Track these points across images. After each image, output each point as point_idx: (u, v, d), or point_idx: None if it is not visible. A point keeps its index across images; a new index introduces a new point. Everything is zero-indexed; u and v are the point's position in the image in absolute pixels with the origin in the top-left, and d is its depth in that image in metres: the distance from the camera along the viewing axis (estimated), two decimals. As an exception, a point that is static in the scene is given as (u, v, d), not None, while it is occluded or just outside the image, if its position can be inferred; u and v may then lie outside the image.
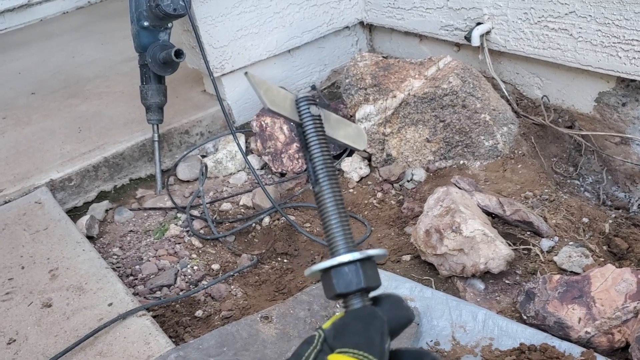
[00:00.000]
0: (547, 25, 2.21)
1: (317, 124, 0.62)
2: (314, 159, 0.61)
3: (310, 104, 0.62)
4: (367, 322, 0.50)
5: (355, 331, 0.50)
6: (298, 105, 0.63)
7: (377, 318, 0.50)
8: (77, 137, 2.64)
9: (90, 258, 1.96)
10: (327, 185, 0.59)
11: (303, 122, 0.62)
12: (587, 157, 2.21)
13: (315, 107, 0.62)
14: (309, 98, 0.63)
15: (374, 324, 0.50)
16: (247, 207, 2.33)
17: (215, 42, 2.55)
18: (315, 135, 0.61)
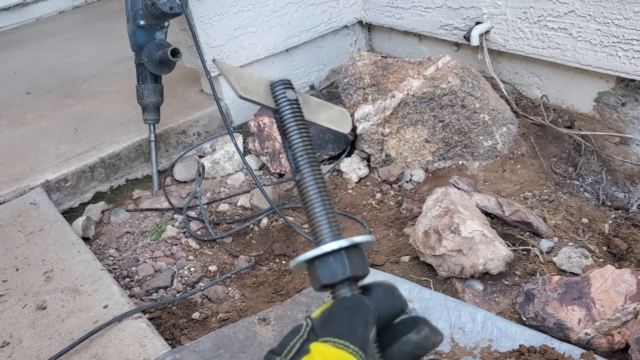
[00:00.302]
0: (546, 25, 2.19)
1: (294, 108, 0.59)
2: (293, 145, 0.58)
3: (286, 88, 0.59)
4: (352, 311, 0.50)
5: (339, 321, 0.50)
6: (273, 89, 0.59)
7: (363, 307, 0.50)
8: (73, 138, 2.62)
9: (85, 260, 1.94)
10: (308, 172, 0.57)
11: (279, 107, 0.59)
12: (587, 158, 2.20)
13: (291, 91, 0.59)
14: (284, 82, 0.60)
15: (358, 313, 0.49)
16: (244, 208, 2.31)
17: (212, 41, 2.53)
18: (294, 120, 0.58)
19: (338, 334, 0.48)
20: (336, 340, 0.48)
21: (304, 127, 0.58)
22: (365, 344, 0.48)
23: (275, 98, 0.59)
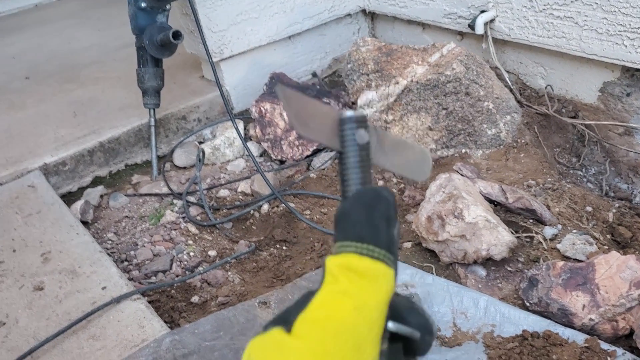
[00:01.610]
0: (552, 13, 2.17)
1: (362, 154, 0.49)
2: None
3: (358, 128, 0.49)
4: (370, 206, 0.43)
5: (358, 221, 0.43)
6: (341, 127, 0.50)
7: (382, 200, 0.44)
8: (72, 122, 2.59)
9: (84, 242, 1.92)
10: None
11: (345, 151, 0.50)
12: (590, 148, 2.18)
13: (363, 132, 0.49)
14: (357, 119, 0.49)
15: (378, 208, 0.43)
16: (245, 194, 2.29)
17: (214, 26, 2.50)
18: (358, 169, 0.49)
19: (359, 237, 0.42)
20: (358, 245, 0.42)
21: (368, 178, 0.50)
22: (391, 243, 0.42)
23: (342, 139, 0.50)
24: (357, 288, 0.39)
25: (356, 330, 0.38)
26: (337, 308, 0.38)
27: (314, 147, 2.38)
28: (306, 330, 0.38)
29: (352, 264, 0.40)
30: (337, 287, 0.39)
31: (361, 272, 0.40)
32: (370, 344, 0.38)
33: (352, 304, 0.38)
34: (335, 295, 0.39)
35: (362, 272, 0.40)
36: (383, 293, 0.40)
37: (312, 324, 0.39)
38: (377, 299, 0.39)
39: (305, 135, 0.50)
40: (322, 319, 0.38)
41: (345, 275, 0.40)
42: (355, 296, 0.39)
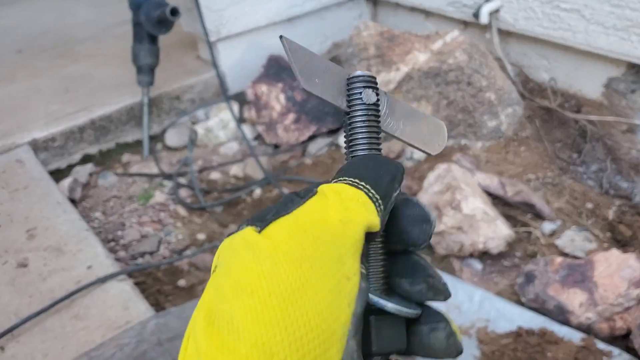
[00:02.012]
0: (558, 5, 2.13)
1: (370, 115, 0.45)
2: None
3: (366, 87, 0.45)
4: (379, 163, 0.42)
5: (363, 166, 0.41)
6: (348, 86, 0.46)
7: (393, 164, 0.42)
8: (64, 98, 2.53)
9: (70, 219, 1.87)
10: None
11: (350, 111, 0.46)
12: (592, 144, 2.14)
13: (371, 92, 0.45)
14: (365, 78, 0.45)
15: (386, 167, 0.41)
16: (237, 177, 2.24)
17: (212, 4, 2.44)
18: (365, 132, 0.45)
19: (359, 175, 0.40)
20: (356, 181, 0.39)
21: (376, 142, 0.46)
22: (388, 197, 0.39)
23: (349, 98, 0.46)
24: (344, 206, 0.37)
25: (340, 241, 0.36)
26: (323, 217, 0.36)
27: (310, 132, 2.33)
28: (285, 233, 0.35)
29: (344, 189, 0.38)
30: (325, 201, 0.37)
31: (351, 196, 0.38)
32: (351, 257, 0.36)
33: (339, 217, 0.36)
34: (322, 206, 0.37)
35: (352, 196, 0.38)
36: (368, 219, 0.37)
37: (292, 228, 0.36)
38: (362, 221, 0.37)
39: (310, 90, 0.45)
40: (304, 224, 0.36)
41: (335, 194, 0.38)
42: (342, 211, 0.37)
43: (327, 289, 0.33)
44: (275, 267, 0.33)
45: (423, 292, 0.42)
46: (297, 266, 0.34)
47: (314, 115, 2.34)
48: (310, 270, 0.34)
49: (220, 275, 0.35)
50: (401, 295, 0.43)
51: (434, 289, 0.41)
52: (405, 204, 0.42)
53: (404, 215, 0.42)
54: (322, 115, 2.35)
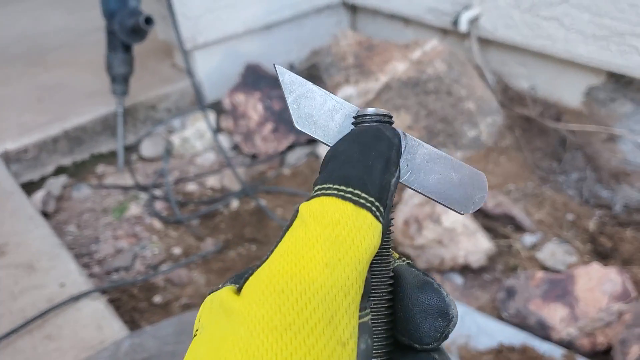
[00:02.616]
0: (538, 14, 2.11)
1: None
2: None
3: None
4: (367, 145, 0.34)
5: (347, 158, 0.33)
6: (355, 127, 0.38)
7: (383, 139, 0.34)
8: (37, 107, 2.47)
9: (43, 235, 1.82)
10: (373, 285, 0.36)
11: None
12: (572, 153, 2.13)
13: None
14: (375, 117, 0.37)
15: (376, 147, 0.33)
16: (214, 189, 2.20)
17: (188, 11, 2.39)
18: None
19: (345, 179, 0.32)
20: (342, 189, 0.31)
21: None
22: (384, 190, 0.32)
23: None
24: (331, 239, 0.30)
25: (328, 295, 0.28)
26: (303, 262, 0.29)
27: (288, 142, 2.29)
28: (259, 293, 0.29)
29: (328, 208, 0.31)
30: (305, 234, 0.30)
31: (338, 219, 0.30)
32: (345, 313, 0.29)
33: (324, 259, 0.29)
34: (302, 245, 0.30)
35: (339, 219, 0.30)
36: (364, 249, 0.30)
37: (266, 285, 0.29)
38: (356, 255, 0.30)
39: (305, 131, 0.39)
40: (281, 276, 0.29)
41: (317, 221, 0.30)
42: (328, 249, 0.29)
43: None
44: (252, 338, 0.28)
45: None
46: (278, 337, 0.28)
47: (293, 125, 2.31)
48: (294, 341, 0.28)
49: (198, 344, 0.30)
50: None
51: None
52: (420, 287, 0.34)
53: (416, 301, 0.34)
54: (300, 124, 2.31)
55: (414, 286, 0.34)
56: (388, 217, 0.33)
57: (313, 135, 0.39)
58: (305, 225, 0.30)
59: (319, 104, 0.39)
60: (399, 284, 0.35)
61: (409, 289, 0.34)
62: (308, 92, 0.39)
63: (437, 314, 0.34)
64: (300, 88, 0.39)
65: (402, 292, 0.35)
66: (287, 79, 0.39)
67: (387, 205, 0.32)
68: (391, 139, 0.35)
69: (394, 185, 0.34)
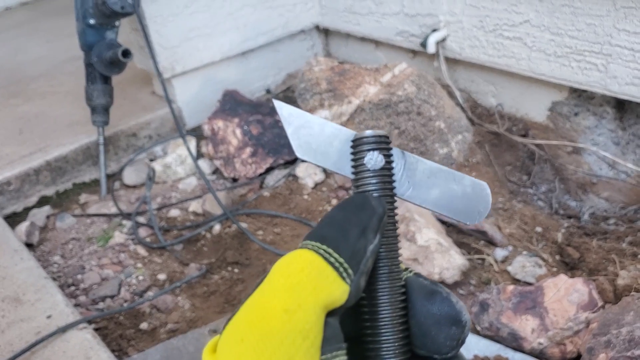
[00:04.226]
0: (502, 34, 2.21)
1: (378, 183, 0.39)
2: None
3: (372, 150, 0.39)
4: (350, 211, 0.36)
5: (330, 222, 0.35)
6: (352, 150, 0.40)
7: (367, 208, 0.36)
8: (18, 139, 2.51)
9: (28, 267, 1.85)
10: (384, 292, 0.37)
11: (355, 179, 0.40)
12: (540, 166, 2.22)
13: (377, 154, 0.39)
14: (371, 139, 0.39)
15: (358, 215, 0.35)
16: (196, 214, 2.25)
17: (165, 42, 2.46)
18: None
19: (321, 238, 0.34)
20: (317, 245, 0.33)
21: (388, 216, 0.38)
22: (357, 255, 0.33)
23: (354, 164, 0.40)
24: (292, 286, 0.31)
25: (285, 340, 0.29)
26: (264, 311, 0.30)
27: (267, 164, 2.35)
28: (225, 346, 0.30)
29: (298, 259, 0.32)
30: (269, 285, 0.32)
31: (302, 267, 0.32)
32: (304, 356, 0.30)
33: (282, 306, 0.30)
34: (265, 295, 0.31)
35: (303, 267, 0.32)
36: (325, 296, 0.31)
37: (230, 335, 0.31)
38: (316, 300, 0.31)
39: (307, 159, 0.41)
40: (243, 327, 0.30)
41: (281, 272, 0.32)
42: (288, 296, 0.31)
43: None
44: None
45: None
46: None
47: (271, 148, 2.37)
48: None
49: None
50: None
51: None
52: (429, 297, 0.36)
53: (427, 313, 0.35)
54: (278, 147, 2.38)
55: (423, 298, 0.35)
56: (359, 280, 0.33)
57: (315, 162, 0.41)
58: (270, 277, 0.32)
59: (317, 132, 0.41)
60: (409, 297, 0.36)
61: (418, 301, 0.36)
62: (306, 123, 0.41)
63: (451, 323, 0.35)
64: (298, 119, 0.41)
65: (413, 305, 0.36)
66: (285, 112, 0.41)
67: (358, 269, 0.33)
68: (375, 208, 0.36)
69: (371, 252, 0.34)
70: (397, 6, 2.53)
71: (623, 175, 2.10)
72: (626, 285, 1.59)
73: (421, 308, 0.35)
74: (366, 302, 0.37)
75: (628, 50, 1.90)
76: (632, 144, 2.10)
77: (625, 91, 1.95)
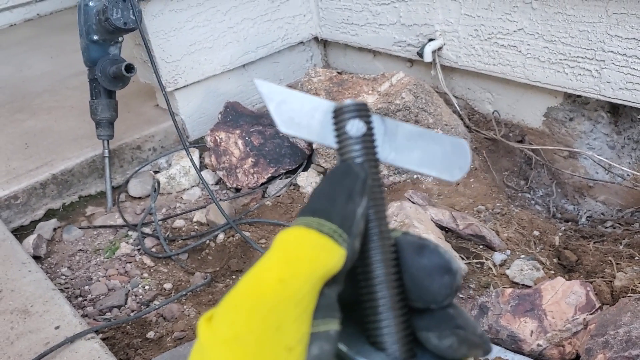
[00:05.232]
0: (496, 42, 2.25)
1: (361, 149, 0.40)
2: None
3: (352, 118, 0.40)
4: (335, 181, 0.37)
5: (319, 195, 0.36)
6: (334, 120, 0.41)
7: (350, 174, 0.37)
8: (24, 154, 2.55)
9: (36, 279, 1.89)
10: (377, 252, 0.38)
11: (339, 147, 0.40)
12: (538, 171, 2.25)
13: (358, 122, 0.40)
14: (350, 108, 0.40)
15: (342, 182, 0.37)
16: (200, 223, 2.29)
17: (167, 56, 2.51)
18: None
19: (312, 211, 0.35)
20: (309, 219, 0.34)
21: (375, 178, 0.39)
22: (347, 219, 0.35)
23: (336, 133, 0.40)
24: (289, 259, 0.32)
25: (278, 307, 0.31)
26: (259, 281, 0.31)
27: (268, 174, 2.40)
28: (221, 315, 0.31)
29: (292, 236, 0.33)
30: (268, 259, 0.33)
31: (299, 243, 0.33)
32: (294, 322, 0.31)
33: (277, 276, 0.31)
34: (263, 268, 0.32)
35: (300, 243, 0.33)
36: (320, 266, 0.32)
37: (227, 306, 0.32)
38: (310, 271, 0.32)
39: (290, 133, 0.41)
40: (238, 296, 0.32)
41: (280, 247, 0.33)
42: (283, 268, 0.32)
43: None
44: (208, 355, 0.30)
45: (454, 347, 0.35)
46: (228, 348, 0.30)
47: (272, 158, 2.41)
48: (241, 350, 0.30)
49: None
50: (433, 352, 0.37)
51: (467, 342, 0.35)
52: (419, 251, 0.37)
53: (419, 266, 0.36)
54: (279, 157, 2.42)
55: (413, 253, 0.36)
56: (353, 242, 0.35)
57: (298, 135, 0.41)
58: (269, 252, 0.33)
59: (299, 107, 0.41)
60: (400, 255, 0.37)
61: (409, 256, 0.37)
62: (287, 98, 0.41)
63: (442, 272, 0.35)
64: (279, 95, 0.41)
65: (405, 261, 0.37)
66: (265, 89, 0.41)
67: (351, 231, 0.34)
68: (358, 173, 0.37)
69: (361, 214, 0.36)
70: (393, 17, 2.57)
71: (619, 179, 2.14)
72: (623, 286, 1.62)
73: (412, 262, 0.36)
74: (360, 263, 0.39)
75: (621, 56, 1.94)
76: (627, 148, 2.13)
77: (619, 96, 1.98)
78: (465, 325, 0.35)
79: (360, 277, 0.38)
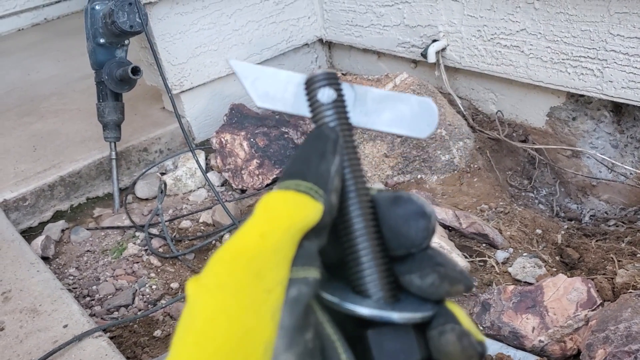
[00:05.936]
0: (499, 42, 2.27)
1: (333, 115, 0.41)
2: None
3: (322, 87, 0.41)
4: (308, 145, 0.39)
5: (294, 159, 0.39)
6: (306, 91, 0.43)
7: (321, 137, 0.39)
8: (32, 156, 2.59)
9: (45, 279, 1.92)
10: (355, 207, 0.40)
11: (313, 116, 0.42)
12: (541, 170, 2.27)
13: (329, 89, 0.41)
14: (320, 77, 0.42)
15: (314, 145, 0.39)
16: (207, 224, 2.32)
17: (173, 59, 2.54)
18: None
19: (290, 175, 0.37)
20: (287, 182, 0.37)
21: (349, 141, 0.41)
22: (322, 177, 0.37)
23: (309, 103, 0.42)
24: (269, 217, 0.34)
25: (258, 256, 0.32)
26: (242, 237, 0.33)
27: (273, 175, 2.42)
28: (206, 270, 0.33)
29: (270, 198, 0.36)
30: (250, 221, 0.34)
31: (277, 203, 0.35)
32: (273, 268, 0.32)
33: (258, 232, 0.33)
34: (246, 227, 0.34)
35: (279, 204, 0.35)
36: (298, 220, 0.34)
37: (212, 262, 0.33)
38: (288, 224, 0.34)
39: (266, 106, 0.43)
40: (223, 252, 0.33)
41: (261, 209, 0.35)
42: (263, 225, 0.34)
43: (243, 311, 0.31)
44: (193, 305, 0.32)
45: (436, 284, 0.36)
46: (211, 296, 0.31)
47: (277, 159, 2.44)
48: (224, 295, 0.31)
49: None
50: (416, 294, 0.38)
51: (448, 278, 0.36)
52: (394, 202, 0.38)
53: (395, 215, 0.38)
54: (284, 158, 2.44)
55: (389, 204, 0.38)
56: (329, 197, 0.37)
57: (274, 108, 0.43)
58: (252, 215, 0.35)
59: (272, 81, 0.43)
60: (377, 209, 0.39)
61: (386, 208, 0.38)
62: (260, 74, 0.43)
63: (417, 217, 0.37)
64: (253, 72, 0.43)
65: (382, 215, 0.39)
66: (239, 68, 0.43)
67: (327, 187, 0.36)
68: (328, 135, 0.39)
69: (335, 171, 0.38)
70: (397, 18, 2.59)
71: (622, 177, 2.15)
72: (624, 283, 1.63)
73: (389, 213, 0.38)
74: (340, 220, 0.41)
75: (623, 55, 1.95)
76: (630, 146, 2.14)
77: (621, 94, 1.99)
78: (445, 262, 0.36)
79: (342, 232, 0.40)
